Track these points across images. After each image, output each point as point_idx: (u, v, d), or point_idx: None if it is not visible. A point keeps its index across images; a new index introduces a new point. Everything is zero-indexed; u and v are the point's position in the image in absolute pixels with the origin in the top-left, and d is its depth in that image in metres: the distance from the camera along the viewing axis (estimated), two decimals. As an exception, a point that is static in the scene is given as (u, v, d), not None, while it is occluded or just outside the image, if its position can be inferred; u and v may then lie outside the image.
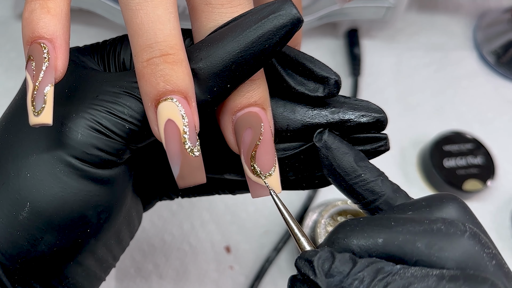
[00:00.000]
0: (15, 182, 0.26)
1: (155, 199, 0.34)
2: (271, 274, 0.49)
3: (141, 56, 0.25)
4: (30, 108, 0.24)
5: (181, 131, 0.25)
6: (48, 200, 0.25)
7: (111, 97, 0.26)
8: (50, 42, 0.24)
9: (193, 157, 0.25)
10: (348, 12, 0.56)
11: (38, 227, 0.26)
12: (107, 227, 0.28)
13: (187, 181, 0.25)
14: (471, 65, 0.62)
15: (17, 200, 0.25)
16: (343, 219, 0.48)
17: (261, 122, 0.26)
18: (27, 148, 0.26)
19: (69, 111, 0.26)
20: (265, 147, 0.27)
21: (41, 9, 0.24)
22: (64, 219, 0.26)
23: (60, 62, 0.24)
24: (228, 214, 0.51)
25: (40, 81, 0.24)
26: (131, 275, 0.47)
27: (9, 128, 0.27)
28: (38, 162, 0.25)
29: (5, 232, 0.26)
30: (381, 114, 0.28)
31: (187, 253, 0.49)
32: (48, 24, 0.24)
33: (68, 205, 0.26)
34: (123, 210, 0.29)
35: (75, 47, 0.29)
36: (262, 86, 0.27)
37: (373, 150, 0.29)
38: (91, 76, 0.27)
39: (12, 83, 0.53)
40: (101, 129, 0.25)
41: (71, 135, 0.25)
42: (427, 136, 0.56)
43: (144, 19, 0.25)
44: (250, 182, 0.27)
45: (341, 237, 0.25)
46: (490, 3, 0.65)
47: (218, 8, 0.26)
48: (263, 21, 0.25)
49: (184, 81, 0.24)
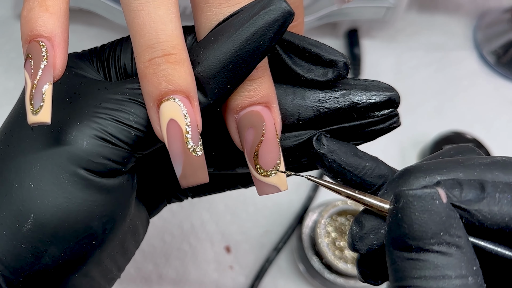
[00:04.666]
0: (18, 193, 0.25)
1: (162, 203, 0.34)
2: (271, 274, 0.49)
3: (143, 56, 0.25)
4: (28, 107, 0.23)
5: (183, 130, 0.24)
6: (53, 211, 0.25)
7: (115, 104, 0.25)
8: (48, 40, 0.24)
9: (196, 157, 0.25)
10: (348, 12, 0.56)
11: (42, 239, 0.25)
12: (111, 237, 0.27)
13: (190, 180, 0.25)
14: (471, 65, 0.62)
15: (20, 211, 0.25)
16: (343, 219, 0.48)
17: (263, 121, 0.26)
18: (30, 158, 0.25)
19: (73, 119, 0.25)
20: (268, 146, 0.27)
21: (40, 7, 0.24)
22: (68, 231, 0.25)
23: (59, 61, 0.24)
24: (228, 214, 0.51)
25: (38, 80, 0.24)
26: (131, 275, 0.47)
27: (11, 137, 0.26)
28: (42, 172, 0.25)
29: (9, 245, 0.25)
30: (392, 92, 0.28)
31: (187, 253, 0.49)
32: (46, 22, 0.24)
33: (73, 216, 0.25)
34: (127, 220, 0.29)
35: (73, 53, 0.29)
36: (265, 84, 0.27)
37: (386, 128, 0.29)
38: (92, 83, 0.27)
39: (12, 83, 0.53)
40: (107, 137, 0.25)
41: (76, 144, 0.25)
42: (427, 136, 0.55)
43: (146, 20, 0.25)
44: (255, 180, 0.27)
45: (421, 175, 0.26)
46: (490, 3, 0.65)
47: (215, 7, 0.26)
48: (255, 18, 0.24)
49: (186, 81, 0.24)
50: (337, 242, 0.47)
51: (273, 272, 0.49)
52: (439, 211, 0.22)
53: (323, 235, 0.46)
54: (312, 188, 0.52)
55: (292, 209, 0.51)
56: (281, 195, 0.54)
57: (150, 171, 0.32)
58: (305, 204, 0.51)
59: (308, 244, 0.47)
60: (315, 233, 0.46)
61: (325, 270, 0.46)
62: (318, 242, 0.46)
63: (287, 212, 0.51)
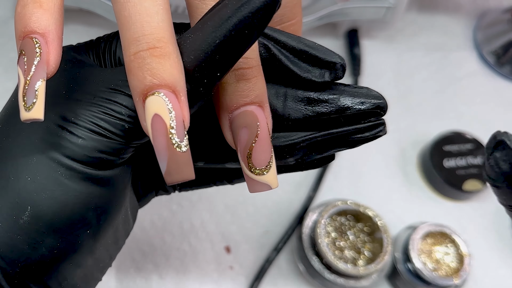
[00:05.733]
0: (15, 186, 0.25)
1: (150, 192, 0.34)
2: (271, 274, 0.49)
3: (128, 49, 0.24)
4: (21, 103, 0.23)
5: (168, 126, 0.24)
6: (49, 203, 0.25)
7: (108, 97, 0.26)
8: (42, 36, 0.24)
9: (181, 153, 0.24)
10: (348, 12, 0.56)
11: (38, 230, 0.25)
12: (106, 227, 0.28)
13: (175, 177, 0.24)
14: (471, 65, 0.62)
15: (17, 204, 0.25)
16: (343, 219, 0.48)
17: (257, 121, 0.26)
18: (27, 151, 0.26)
19: (68, 113, 0.26)
20: (262, 145, 0.27)
21: (34, 4, 0.24)
22: (65, 222, 0.26)
23: (53, 57, 0.24)
24: (228, 214, 0.51)
25: (31, 76, 0.24)
26: (131, 275, 0.47)
27: (7, 130, 0.27)
28: (39, 166, 0.25)
29: (5, 237, 0.25)
30: (380, 100, 0.29)
31: (187, 253, 0.49)
32: (40, 18, 0.24)
33: (69, 207, 0.26)
34: (122, 210, 0.29)
35: (69, 46, 0.29)
36: (259, 83, 0.27)
37: (372, 136, 0.29)
38: (87, 75, 0.27)
39: (12, 83, 0.53)
40: (101, 131, 0.25)
41: (71, 138, 0.25)
42: (427, 136, 0.55)
43: (132, 12, 0.24)
44: (247, 178, 0.27)
45: None
46: (490, 3, 0.65)
47: (208, 1, 0.26)
48: (238, 7, 0.24)
49: (172, 75, 0.24)
50: (337, 242, 0.47)
51: (273, 272, 0.49)
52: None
53: (323, 235, 0.46)
54: (312, 188, 0.52)
55: (292, 209, 0.51)
56: (281, 195, 0.54)
57: (140, 160, 0.32)
58: (305, 204, 0.51)
59: (308, 244, 0.47)
60: (315, 233, 0.46)
61: (325, 270, 0.46)
62: (318, 242, 0.46)
63: (287, 212, 0.51)
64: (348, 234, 0.47)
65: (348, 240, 0.47)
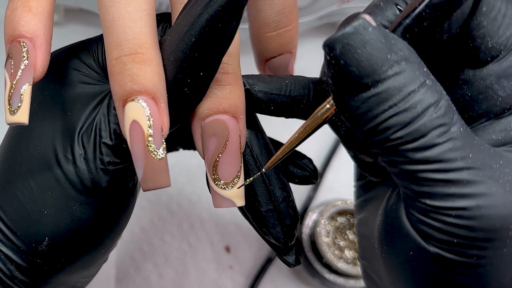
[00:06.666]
0: (33, 217, 0.26)
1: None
2: (271, 274, 0.49)
3: (111, 54, 0.24)
4: (6, 106, 0.24)
5: (145, 133, 0.24)
6: (66, 235, 0.26)
7: (100, 125, 0.26)
8: (30, 41, 0.24)
9: (157, 160, 0.24)
10: (348, 12, 0.56)
11: (56, 254, 0.27)
12: (114, 235, 0.29)
13: (150, 184, 0.24)
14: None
15: (36, 235, 0.26)
16: (343, 219, 0.48)
17: (227, 131, 0.26)
18: (42, 184, 0.26)
19: (71, 144, 0.26)
20: (229, 157, 0.26)
21: (23, 8, 0.24)
22: (77, 242, 0.27)
23: (40, 62, 0.24)
24: (228, 214, 0.51)
25: (17, 80, 0.24)
26: (131, 275, 0.47)
27: (20, 156, 0.27)
28: (54, 201, 0.26)
29: (26, 260, 0.27)
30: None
31: (187, 253, 0.49)
32: (28, 23, 0.24)
33: (82, 232, 0.27)
34: (129, 216, 0.30)
35: (77, 43, 0.29)
36: (235, 93, 0.26)
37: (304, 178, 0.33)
38: (78, 98, 0.27)
39: (12, 83, 0.53)
40: (104, 158, 0.26)
41: (81, 174, 0.26)
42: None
43: (116, 16, 0.24)
44: (212, 191, 0.27)
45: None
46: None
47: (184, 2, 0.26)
48: (208, 2, 0.23)
49: (152, 81, 0.24)
50: (337, 242, 0.47)
51: (273, 272, 0.49)
52: (377, 36, 0.21)
53: (323, 235, 0.46)
54: (312, 188, 0.52)
55: (292, 209, 0.51)
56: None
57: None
58: (305, 204, 0.51)
59: (308, 244, 0.47)
60: (315, 233, 0.46)
61: (325, 270, 0.46)
62: (318, 242, 0.46)
63: (287, 212, 0.51)
64: (348, 234, 0.47)
65: (348, 239, 0.47)
